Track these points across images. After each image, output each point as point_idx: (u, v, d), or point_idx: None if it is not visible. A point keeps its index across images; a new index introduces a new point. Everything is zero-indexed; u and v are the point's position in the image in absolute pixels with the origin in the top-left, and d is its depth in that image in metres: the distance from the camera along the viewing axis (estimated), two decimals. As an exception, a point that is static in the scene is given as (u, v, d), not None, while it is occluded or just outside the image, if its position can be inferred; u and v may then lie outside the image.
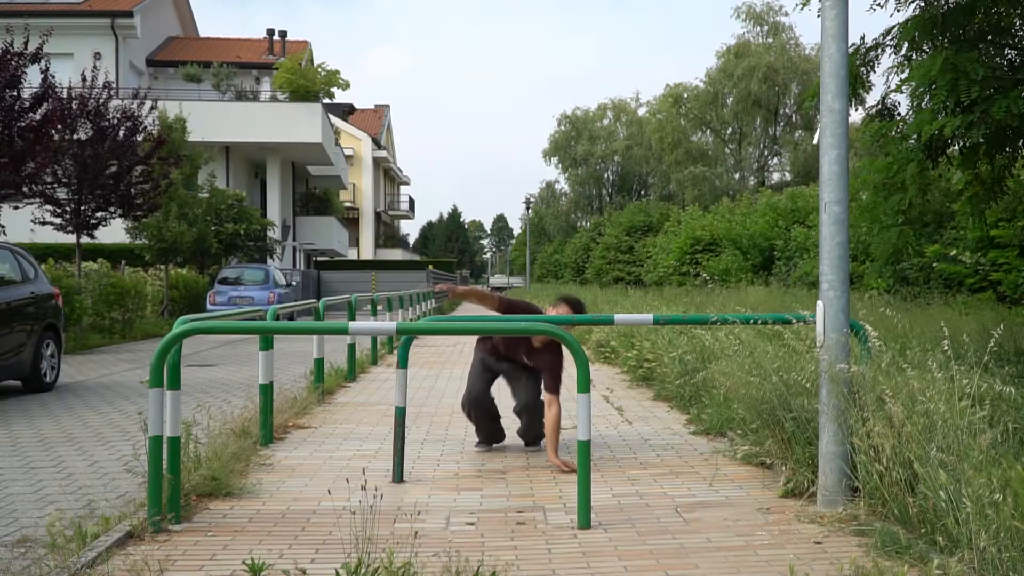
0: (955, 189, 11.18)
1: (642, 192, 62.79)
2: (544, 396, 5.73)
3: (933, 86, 6.87)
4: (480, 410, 5.98)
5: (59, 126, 15.17)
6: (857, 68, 7.85)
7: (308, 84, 29.06)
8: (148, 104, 18.29)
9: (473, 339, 6.29)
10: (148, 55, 32.49)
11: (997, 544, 3.24)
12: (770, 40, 47.23)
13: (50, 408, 8.27)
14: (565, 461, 5.40)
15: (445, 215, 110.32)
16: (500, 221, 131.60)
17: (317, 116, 29.17)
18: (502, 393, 6.18)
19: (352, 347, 10.50)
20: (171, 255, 21.62)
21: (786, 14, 47.69)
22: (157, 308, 21.25)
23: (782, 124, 49.23)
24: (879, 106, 8.22)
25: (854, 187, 8.97)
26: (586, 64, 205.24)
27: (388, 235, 64.11)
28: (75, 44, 26.63)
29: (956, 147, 7.88)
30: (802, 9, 8.18)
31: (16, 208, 15.37)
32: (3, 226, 14.34)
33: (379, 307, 15.23)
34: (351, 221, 54.14)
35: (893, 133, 7.83)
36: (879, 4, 7.88)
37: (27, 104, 13.98)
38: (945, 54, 6.79)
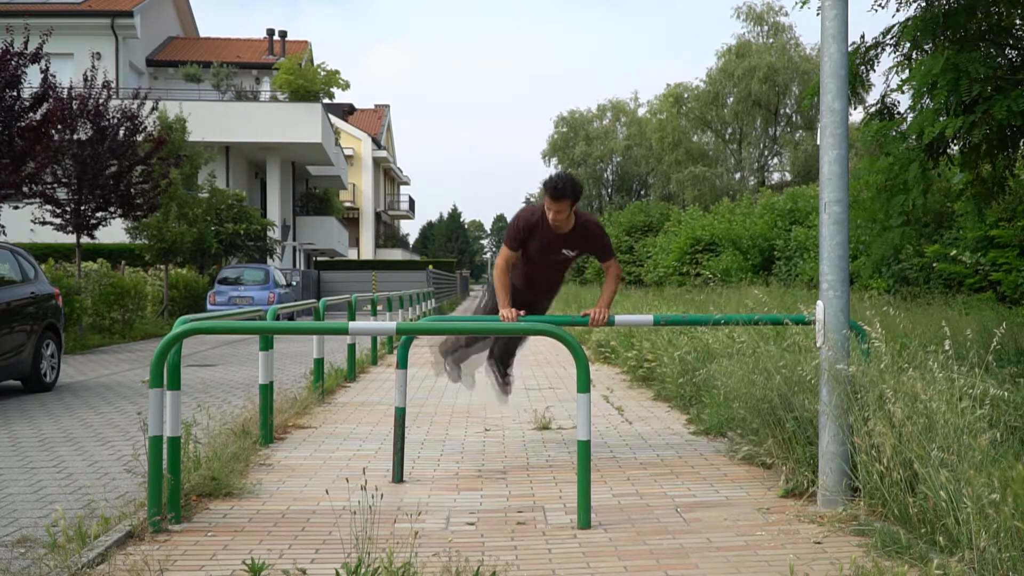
0: (955, 189, 11.18)
1: (642, 192, 62.77)
2: (608, 264, 5.56)
3: (934, 86, 6.86)
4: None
5: (59, 126, 15.18)
6: (857, 67, 7.84)
7: (308, 84, 29.07)
8: (148, 104, 18.30)
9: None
10: (148, 55, 32.49)
11: (997, 544, 3.24)
12: (770, 40, 47.22)
13: (50, 408, 8.26)
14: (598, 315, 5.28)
15: (445, 215, 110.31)
16: (500, 221, 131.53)
17: (317, 116, 29.17)
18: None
19: (352, 347, 10.50)
20: (171, 255, 21.62)
21: (786, 14, 47.74)
22: (157, 308, 21.25)
23: (782, 124, 49.22)
24: (879, 106, 8.21)
25: (855, 188, 8.96)
26: (586, 64, 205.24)
27: (388, 235, 64.10)
28: (75, 44, 26.65)
29: (956, 147, 7.87)
30: (802, 8, 8.17)
31: (16, 208, 15.38)
32: (3, 226, 14.35)
33: (379, 307, 15.23)
34: (351, 221, 54.13)
35: (893, 133, 7.82)
36: (880, 4, 7.87)
37: (27, 104, 14.00)
38: (947, 54, 6.79)
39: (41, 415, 7.84)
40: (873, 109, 8.25)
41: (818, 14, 4.76)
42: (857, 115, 9.46)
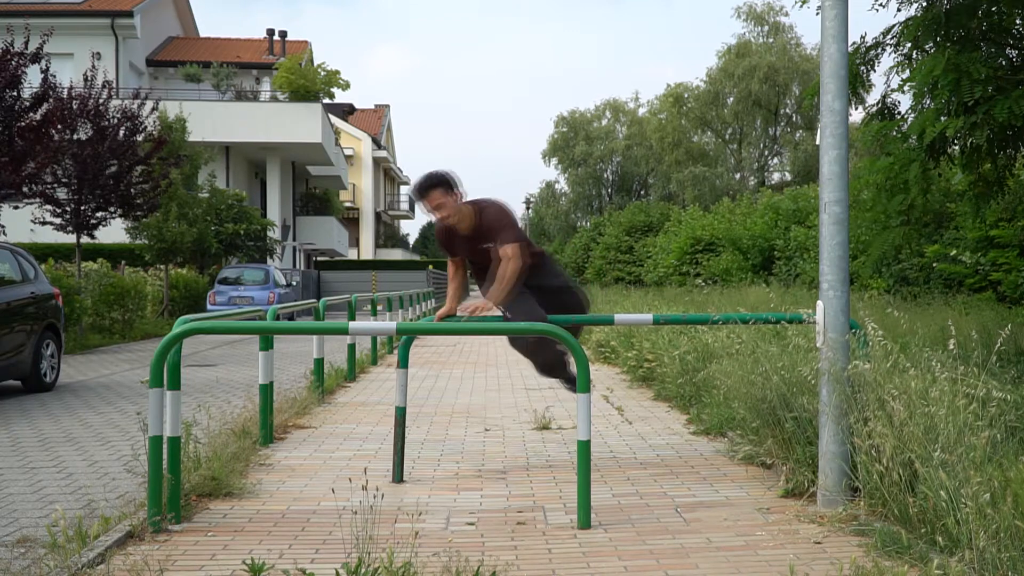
0: (955, 190, 11.18)
1: (642, 192, 62.78)
2: (504, 249, 4.97)
3: (935, 86, 6.85)
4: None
5: (59, 126, 15.18)
6: (857, 67, 7.84)
7: (308, 84, 29.08)
8: (149, 105, 18.30)
9: (474, 340, 6.20)
10: (148, 55, 32.49)
11: (997, 544, 3.24)
12: (771, 40, 47.26)
13: (50, 408, 8.26)
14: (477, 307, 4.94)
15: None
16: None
17: (317, 116, 29.17)
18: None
19: (352, 347, 10.50)
20: (171, 255, 21.63)
21: (786, 14, 47.80)
22: (157, 308, 21.26)
23: (782, 124, 49.25)
24: (879, 106, 8.20)
25: (855, 188, 8.96)
26: (586, 64, 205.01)
27: (388, 235, 64.10)
28: (75, 44, 26.64)
29: (956, 147, 7.87)
30: (801, 7, 8.16)
31: (16, 208, 15.38)
32: (3, 226, 14.35)
33: (379, 307, 15.23)
34: (351, 221, 54.14)
35: (894, 133, 7.82)
36: (880, 4, 7.87)
37: (27, 104, 13.99)
38: (948, 54, 6.78)
39: (41, 415, 7.84)
40: (873, 109, 8.25)
41: (818, 14, 4.75)
42: (857, 115, 9.45)
